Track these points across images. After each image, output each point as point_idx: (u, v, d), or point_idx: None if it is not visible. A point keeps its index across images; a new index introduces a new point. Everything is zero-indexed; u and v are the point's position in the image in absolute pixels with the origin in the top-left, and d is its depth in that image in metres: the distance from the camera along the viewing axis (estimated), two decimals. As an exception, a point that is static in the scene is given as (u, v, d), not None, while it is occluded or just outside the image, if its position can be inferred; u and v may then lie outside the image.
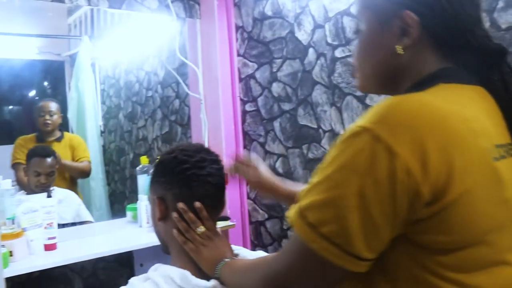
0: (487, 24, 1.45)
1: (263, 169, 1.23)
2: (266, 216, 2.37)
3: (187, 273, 0.97)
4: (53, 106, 2.98)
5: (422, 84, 0.74)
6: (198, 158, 1.06)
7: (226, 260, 0.97)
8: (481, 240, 0.68)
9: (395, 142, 0.62)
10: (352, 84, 1.90)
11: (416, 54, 0.76)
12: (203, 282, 0.97)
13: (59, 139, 2.99)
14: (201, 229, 1.01)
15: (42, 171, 2.51)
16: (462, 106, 0.70)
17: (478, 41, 0.76)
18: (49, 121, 2.94)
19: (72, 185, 2.97)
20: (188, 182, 1.03)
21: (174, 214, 1.02)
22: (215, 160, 1.09)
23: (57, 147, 2.89)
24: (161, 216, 1.06)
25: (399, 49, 0.76)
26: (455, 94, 0.73)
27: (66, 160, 2.90)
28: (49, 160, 2.56)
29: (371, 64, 0.82)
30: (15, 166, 2.77)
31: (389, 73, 0.80)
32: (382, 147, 0.62)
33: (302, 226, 0.67)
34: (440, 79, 0.74)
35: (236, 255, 1.04)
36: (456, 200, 0.64)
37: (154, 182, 1.09)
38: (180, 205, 1.01)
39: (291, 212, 0.70)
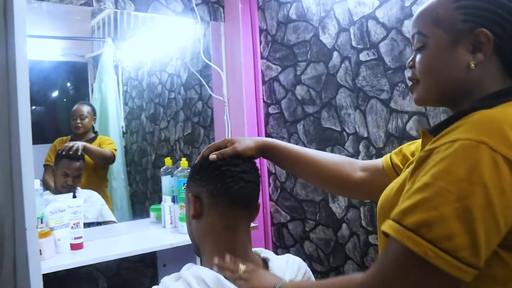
0: None
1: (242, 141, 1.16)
2: (288, 217, 2.38)
3: (220, 277, 0.97)
4: (84, 109, 3.10)
5: (493, 98, 0.78)
6: (233, 158, 1.10)
7: (282, 283, 0.94)
8: None
9: (511, 153, 0.66)
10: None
11: (484, 70, 0.81)
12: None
13: (91, 141, 3.07)
14: (243, 267, 1.01)
15: (70, 173, 2.57)
16: None
17: None
18: (79, 124, 3.05)
19: (99, 185, 3.03)
20: (223, 177, 1.06)
21: (214, 268, 1.00)
22: (249, 161, 1.13)
23: None
24: (195, 213, 1.08)
25: (472, 64, 0.80)
26: None
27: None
28: (78, 164, 2.63)
29: (438, 79, 0.84)
30: (45, 166, 2.85)
31: (456, 88, 0.83)
32: (501, 158, 0.65)
33: (420, 243, 0.66)
34: (507, 97, 0.78)
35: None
36: None
37: (190, 181, 1.13)
38: (215, 261, 1.01)
39: (393, 228, 0.70)
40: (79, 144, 2.79)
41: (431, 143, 0.76)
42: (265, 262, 1.10)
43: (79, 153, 2.72)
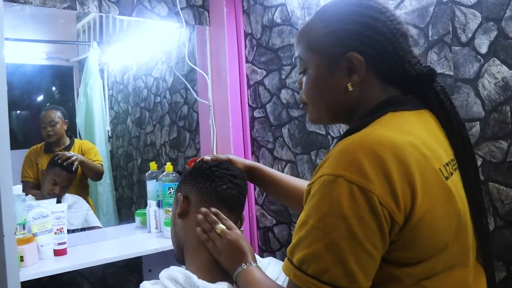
0: (494, 33, 1.46)
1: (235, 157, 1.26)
2: (274, 221, 2.38)
3: (193, 277, 0.99)
4: (53, 115, 2.91)
5: (374, 113, 0.84)
6: (224, 162, 1.17)
7: (245, 266, 1.00)
8: (441, 250, 0.77)
9: (367, 182, 0.70)
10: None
11: (364, 88, 0.86)
12: (209, 285, 0.98)
13: (67, 148, 2.95)
14: (220, 226, 1.04)
15: (60, 182, 2.56)
16: (411, 134, 0.79)
17: (414, 69, 0.87)
18: (51, 132, 2.87)
19: (82, 191, 2.98)
20: (212, 177, 1.11)
21: (199, 216, 1.07)
22: (239, 170, 1.19)
23: None
24: (181, 211, 1.10)
25: (349, 86, 0.85)
26: (404, 122, 0.82)
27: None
28: (69, 175, 2.61)
29: (323, 102, 0.90)
30: (24, 183, 2.68)
31: (341, 107, 0.89)
32: (356, 188, 0.70)
33: (304, 278, 0.72)
34: (389, 107, 0.83)
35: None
36: (420, 220, 0.73)
37: (181, 182, 1.17)
38: (203, 209, 1.08)
39: (286, 265, 0.77)
40: (78, 157, 2.72)
41: (313, 175, 0.81)
42: None
43: (74, 167, 2.65)
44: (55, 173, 2.56)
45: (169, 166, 2.26)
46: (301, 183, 1.27)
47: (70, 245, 1.95)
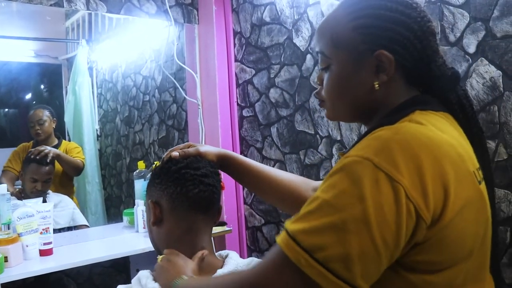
0: (482, 33, 1.46)
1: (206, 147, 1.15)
2: (263, 221, 2.37)
3: (149, 277, 1.00)
4: (41, 114, 2.91)
5: (400, 110, 0.79)
6: (193, 159, 1.07)
7: (184, 277, 0.94)
8: (466, 257, 0.72)
9: (396, 171, 0.65)
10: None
11: (389, 86, 0.81)
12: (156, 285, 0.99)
13: (56, 147, 2.95)
14: (160, 257, 1.03)
15: (39, 178, 2.51)
16: (445, 132, 0.74)
17: (439, 69, 0.83)
18: (39, 131, 2.87)
19: (68, 190, 2.95)
20: (183, 180, 1.03)
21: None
22: (210, 163, 1.10)
23: None
24: (155, 220, 1.06)
25: (376, 85, 0.80)
26: (435, 120, 0.77)
27: (60, 169, 2.86)
28: (47, 168, 2.56)
29: (345, 101, 0.85)
30: (4, 172, 2.71)
31: (363, 106, 0.84)
32: (383, 176, 0.65)
33: (295, 250, 0.66)
34: (416, 106, 0.79)
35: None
36: (451, 222, 0.68)
37: (150, 186, 1.10)
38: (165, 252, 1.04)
39: (280, 236, 0.70)
40: (51, 150, 2.70)
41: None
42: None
43: (49, 159, 2.63)
44: (32, 170, 2.52)
45: (157, 165, 2.24)
46: (288, 177, 1.19)
47: (56, 245, 1.93)
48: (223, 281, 0.82)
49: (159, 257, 1.03)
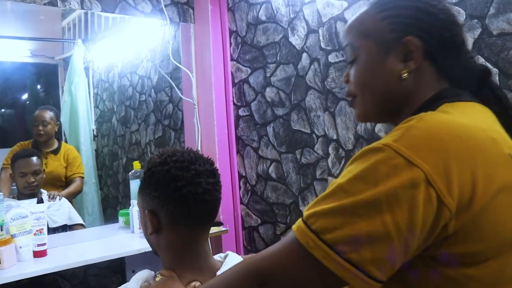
0: (478, 31, 1.45)
1: None
2: (259, 221, 2.36)
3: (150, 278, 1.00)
4: (47, 115, 2.92)
5: (427, 106, 0.76)
6: (193, 172, 1.01)
7: None
8: (509, 247, 0.68)
9: (416, 155, 0.62)
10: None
11: (418, 77, 0.79)
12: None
13: (55, 152, 2.93)
14: (152, 281, 1.02)
15: (28, 171, 2.48)
16: (475, 119, 0.71)
17: (469, 62, 0.82)
18: (42, 131, 2.88)
19: (59, 190, 2.94)
20: (184, 199, 0.99)
21: None
22: (211, 171, 1.05)
23: (52, 160, 2.88)
24: (154, 230, 1.03)
25: (404, 73, 0.78)
26: (463, 108, 0.75)
27: (60, 173, 2.90)
28: (33, 159, 2.53)
29: (373, 92, 0.82)
30: (3, 169, 2.73)
31: (392, 99, 0.81)
32: (402, 161, 0.63)
33: (305, 232, 0.65)
34: (444, 99, 0.76)
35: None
36: (484, 208, 0.64)
37: (146, 194, 1.05)
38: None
39: (295, 224, 0.69)
40: (56, 192, 2.69)
41: None
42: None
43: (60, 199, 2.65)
44: (19, 166, 2.49)
45: (152, 166, 2.22)
46: None
47: (50, 246, 1.91)
48: (232, 272, 0.79)
49: (158, 277, 1.01)
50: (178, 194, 0.99)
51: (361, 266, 0.61)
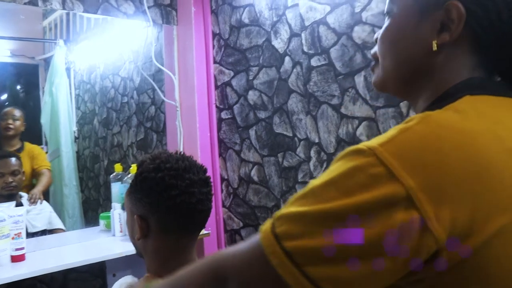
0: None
1: None
2: (241, 224, 2.35)
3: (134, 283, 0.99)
4: (17, 112, 2.98)
5: (445, 98, 0.63)
6: (187, 181, 1.00)
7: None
8: None
9: (401, 166, 0.51)
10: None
11: (450, 56, 0.66)
12: None
13: (19, 150, 2.94)
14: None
15: (6, 171, 2.46)
16: (495, 122, 0.58)
17: None
18: (11, 125, 2.91)
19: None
20: (176, 209, 0.99)
21: None
22: (204, 180, 1.04)
23: None
24: (141, 235, 1.02)
25: (434, 44, 0.65)
26: (486, 106, 0.60)
27: (27, 171, 2.87)
28: (12, 159, 2.52)
29: (397, 58, 0.70)
30: None
31: (414, 71, 0.69)
32: (382, 171, 0.51)
33: (267, 235, 0.57)
34: (466, 91, 0.62)
35: None
36: (491, 240, 0.51)
37: (136, 198, 1.03)
38: None
39: (266, 221, 0.61)
40: (37, 194, 2.68)
41: None
42: None
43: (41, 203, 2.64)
44: None
45: (134, 168, 2.20)
46: None
47: (29, 250, 1.89)
48: (195, 267, 0.71)
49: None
50: (171, 203, 0.98)
51: (317, 282, 0.52)
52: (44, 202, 2.71)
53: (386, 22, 0.71)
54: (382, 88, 0.74)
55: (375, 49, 0.74)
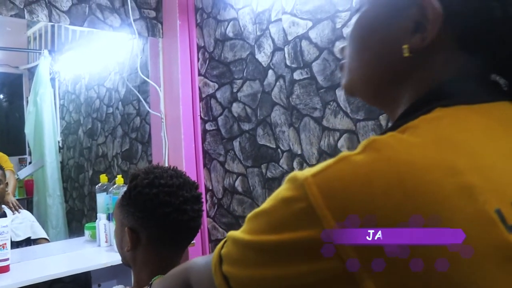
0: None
1: None
2: (226, 234, 2.38)
3: None
4: None
5: (414, 110, 0.53)
6: (181, 199, 1.02)
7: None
8: None
9: (324, 204, 0.44)
10: (309, 105, 1.95)
11: (428, 59, 0.54)
12: None
13: None
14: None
15: None
16: (456, 149, 0.46)
17: None
18: None
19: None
20: (168, 226, 1.02)
21: None
22: (196, 197, 1.07)
23: None
24: (131, 247, 1.05)
25: (405, 49, 0.53)
26: (454, 123, 0.49)
27: None
28: None
29: (363, 57, 0.60)
30: None
31: (384, 75, 0.58)
32: (304, 207, 0.45)
33: (216, 254, 0.56)
34: (437, 102, 0.51)
35: None
36: None
37: (128, 212, 1.05)
38: None
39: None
40: (13, 200, 2.69)
41: None
42: None
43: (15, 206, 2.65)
44: None
45: (119, 179, 2.23)
46: None
47: (13, 261, 1.89)
48: (173, 273, 0.79)
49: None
50: (163, 219, 1.01)
51: None
52: (26, 211, 2.72)
53: (354, 18, 0.61)
54: (350, 93, 0.64)
55: (343, 44, 0.65)
